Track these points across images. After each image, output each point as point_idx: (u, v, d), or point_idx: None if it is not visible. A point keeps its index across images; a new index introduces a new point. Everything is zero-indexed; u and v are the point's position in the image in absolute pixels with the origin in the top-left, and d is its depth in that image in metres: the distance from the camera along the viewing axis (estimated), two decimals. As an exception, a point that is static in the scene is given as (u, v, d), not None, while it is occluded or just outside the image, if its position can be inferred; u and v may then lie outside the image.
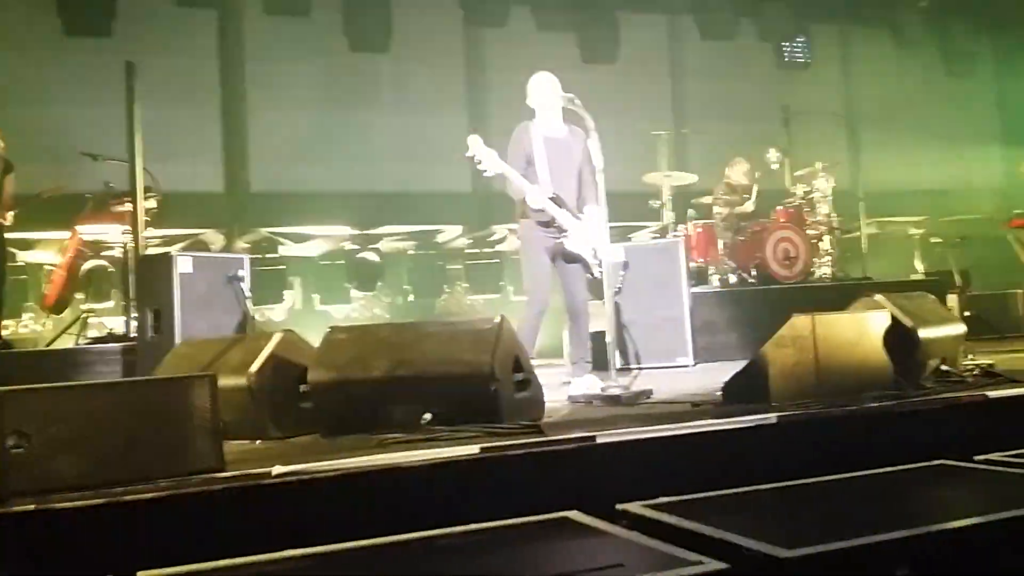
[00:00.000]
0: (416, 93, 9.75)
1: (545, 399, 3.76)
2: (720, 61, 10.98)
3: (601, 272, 4.96)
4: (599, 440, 2.97)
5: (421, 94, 9.78)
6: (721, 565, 2.06)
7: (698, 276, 8.12)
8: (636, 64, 10.68)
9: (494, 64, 10.21)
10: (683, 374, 6.41)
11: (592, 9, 10.07)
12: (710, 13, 10.41)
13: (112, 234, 7.09)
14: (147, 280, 5.98)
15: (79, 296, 7.57)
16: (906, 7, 11.20)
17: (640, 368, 6.70)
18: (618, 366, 5.19)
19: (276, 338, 3.58)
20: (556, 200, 4.86)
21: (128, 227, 6.67)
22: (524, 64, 5.42)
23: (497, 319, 3.40)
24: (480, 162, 4.69)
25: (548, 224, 4.88)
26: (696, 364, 6.80)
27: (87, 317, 7.32)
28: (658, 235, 8.52)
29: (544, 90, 4.99)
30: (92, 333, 7.20)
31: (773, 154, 8.90)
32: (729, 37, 10.43)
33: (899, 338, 3.83)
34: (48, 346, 7.34)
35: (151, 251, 6.56)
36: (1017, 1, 10.57)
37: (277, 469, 2.64)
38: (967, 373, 4.22)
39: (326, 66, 9.59)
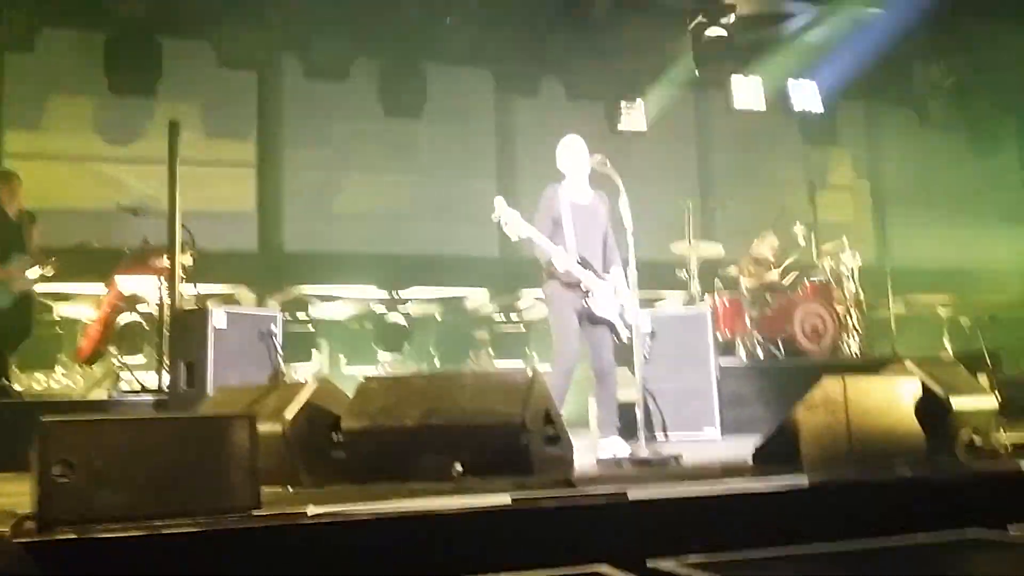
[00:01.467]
0: (447, 158, 9.96)
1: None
2: (747, 134, 11.14)
3: (629, 337, 4.99)
4: (631, 496, 2.97)
5: (452, 159, 9.98)
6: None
7: (725, 348, 8.10)
8: (664, 134, 10.86)
9: (524, 132, 10.44)
10: (711, 444, 6.36)
11: (621, 82, 10.30)
12: (737, 87, 10.60)
13: (148, 288, 7.20)
14: (182, 333, 6.08)
15: (112, 350, 7.66)
16: (931, 87, 11.35)
17: (667, 438, 6.65)
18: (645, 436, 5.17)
19: (311, 386, 3.63)
20: (582, 263, 4.93)
21: (164, 281, 6.78)
22: (553, 132, 5.56)
23: (530, 372, 3.43)
24: (506, 223, 4.77)
25: (575, 286, 4.94)
26: (724, 437, 6.74)
27: (120, 370, 7.40)
28: (686, 303, 8.54)
29: (572, 153, 5.10)
30: (123, 387, 7.26)
31: (799, 228, 8.96)
32: (757, 109, 10.60)
33: (930, 407, 3.82)
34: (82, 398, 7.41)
35: (186, 306, 6.66)
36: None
37: (312, 510, 2.67)
38: (1001, 447, 4.17)
39: (361, 129, 9.84)
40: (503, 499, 2.85)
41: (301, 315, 9.13)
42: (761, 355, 8.16)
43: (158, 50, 8.86)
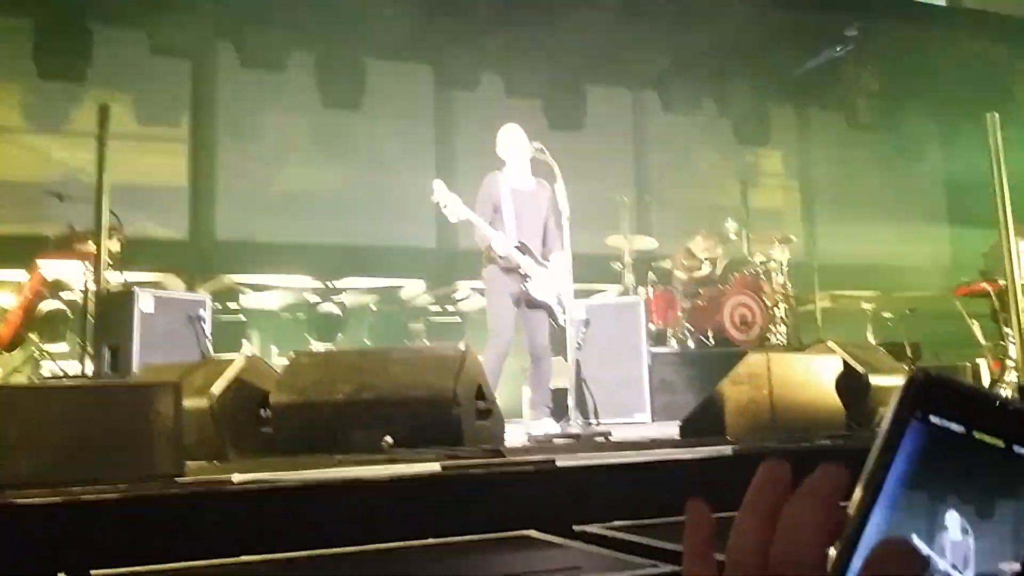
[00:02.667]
0: (385, 150, 9.91)
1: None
2: (682, 134, 11.34)
3: (564, 320, 5.05)
4: (559, 464, 3.01)
5: (390, 152, 9.93)
6: (675, 567, 2.10)
7: (657, 338, 8.23)
8: (601, 132, 10.99)
9: (463, 124, 10.46)
10: (641, 427, 6.46)
11: (560, 79, 10.38)
12: (672, 89, 10.78)
13: (73, 273, 7.00)
14: (107, 318, 5.92)
15: (33, 337, 7.42)
16: (858, 91, 11.69)
17: (599, 424, 6.73)
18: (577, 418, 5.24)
19: (239, 362, 3.59)
20: (521, 248, 4.98)
21: (90, 266, 6.60)
22: (492, 126, 5.60)
23: (462, 346, 3.45)
24: (445, 206, 4.80)
25: (513, 270, 4.99)
26: (654, 422, 6.86)
27: (40, 357, 7.17)
28: (620, 295, 8.66)
29: (513, 141, 5.16)
30: (44, 375, 7.05)
31: (731, 224, 9.17)
32: (691, 112, 10.80)
33: (851, 383, 3.95)
34: (-1, 385, 7.16)
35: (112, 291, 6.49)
36: (960, 87, 11.11)
37: (237, 477, 2.64)
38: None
39: (298, 120, 9.73)
40: (433, 467, 2.86)
41: (232, 305, 8.97)
42: (692, 345, 8.31)
43: (88, 37, 8.64)
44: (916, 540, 0.44)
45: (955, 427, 0.46)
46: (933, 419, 0.46)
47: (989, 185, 6.10)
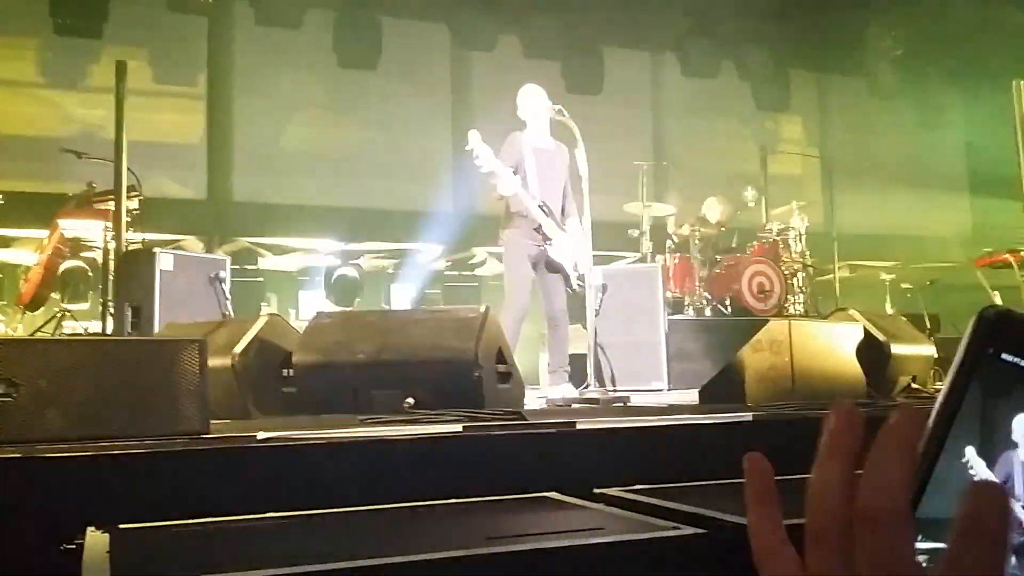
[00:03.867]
0: (402, 111, 9.87)
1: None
2: (701, 98, 11.22)
3: (580, 286, 5.05)
4: (579, 426, 3.01)
5: (407, 113, 9.89)
6: (699, 530, 2.11)
7: (674, 306, 8.22)
8: (619, 96, 10.90)
9: (480, 87, 10.38)
10: (658, 395, 6.47)
11: (578, 41, 10.26)
12: (692, 52, 10.64)
13: (93, 232, 7.04)
14: (127, 277, 5.97)
15: (55, 296, 7.49)
16: (880, 57, 11.52)
17: (616, 389, 6.74)
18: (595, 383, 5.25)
19: (262, 321, 3.60)
20: (543, 208, 4.96)
21: (110, 225, 6.63)
22: (510, 88, 5.57)
23: (482, 308, 3.45)
24: (477, 156, 4.77)
25: (534, 232, 4.97)
26: (671, 390, 6.86)
27: (62, 316, 7.24)
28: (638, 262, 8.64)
29: (533, 101, 5.12)
30: (66, 332, 7.11)
31: (750, 192, 9.10)
32: (710, 76, 10.67)
33: (872, 352, 3.93)
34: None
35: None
36: (983, 53, 10.93)
37: (262, 434, 2.66)
38: (937, 392, 4.31)
39: (314, 80, 9.68)
40: (454, 428, 2.87)
41: (250, 267, 9.01)
42: (709, 313, 8.29)
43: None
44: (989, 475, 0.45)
45: None
46: (1004, 356, 0.46)
47: (1012, 154, 6.03)
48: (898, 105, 12.08)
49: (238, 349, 3.47)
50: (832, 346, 3.78)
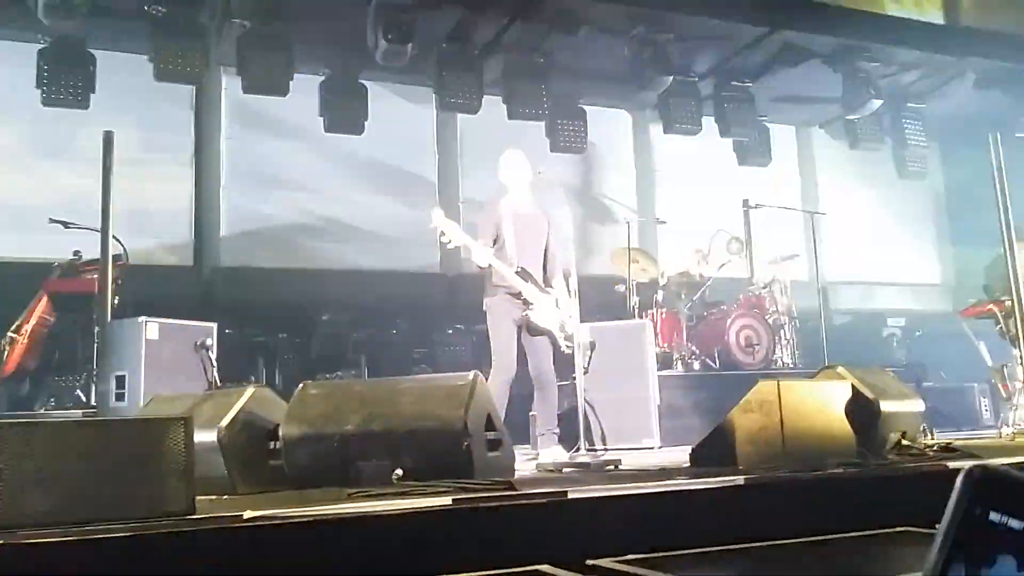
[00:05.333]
0: (388, 174, 9.96)
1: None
2: (683, 155, 11.37)
3: (569, 347, 5.04)
4: (571, 496, 2.99)
5: (393, 176, 9.99)
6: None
7: (662, 361, 8.21)
8: (603, 154, 11.05)
9: (465, 148, 10.53)
10: (650, 453, 6.43)
11: (560, 102, 10.39)
12: (673, 109, 10.79)
13: (78, 302, 7.01)
14: (113, 346, 5.93)
15: (39, 364, 7.41)
16: (855, 110, 11.70)
17: (606, 449, 6.70)
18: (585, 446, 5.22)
19: (248, 393, 3.58)
20: (522, 274, 4.98)
21: (95, 294, 6.59)
22: (494, 149, 5.63)
23: (471, 376, 3.44)
24: (442, 234, 4.81)
25: (515, 296, 4.99)
26: (662, 447, 6.82)
27: (47, 385, 7.17)
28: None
29: (514, 165, 5.18)
30: (51, 403, 7.04)
31: (734, 244, 9.17)
32: (692, 132, 10.80)
33: (861, 409, 3.93)
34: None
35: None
36: (961, 107, 11.16)
37: (248, 513, 2.63)
38: (927, 448, 4.31)
39: (300, 146, 9.78)
40: (444, 501, 2.84)
41: (237, 331, 8.95)
42: (697, 367, 8.29)
43: (92, 62, 8.66)
44: None
45: (1014, 523, 0.46)
46: (992, 516, 0.46)
47: (991, 203, 6.13)
48: (879, 157, 12.24)
49: (224, 423, 3.44)
50: (821, 405, 3.78)
